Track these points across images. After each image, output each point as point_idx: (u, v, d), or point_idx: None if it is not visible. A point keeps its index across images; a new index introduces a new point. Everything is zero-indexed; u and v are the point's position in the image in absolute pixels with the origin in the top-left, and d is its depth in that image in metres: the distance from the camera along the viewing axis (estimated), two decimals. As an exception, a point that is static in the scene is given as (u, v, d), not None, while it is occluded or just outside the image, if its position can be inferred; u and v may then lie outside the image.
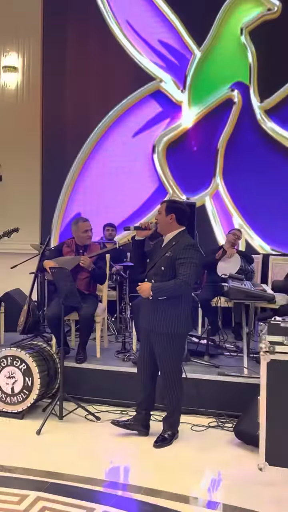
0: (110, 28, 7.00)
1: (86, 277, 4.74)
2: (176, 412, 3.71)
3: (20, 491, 2.98)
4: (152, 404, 3.79)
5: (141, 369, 3.76)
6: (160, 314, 3.55)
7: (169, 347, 3.57)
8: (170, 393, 3.66)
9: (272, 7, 6.53)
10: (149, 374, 3.72)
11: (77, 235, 4.82)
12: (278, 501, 2.92)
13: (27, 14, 6.99)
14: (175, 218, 3.64)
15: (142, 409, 3.76)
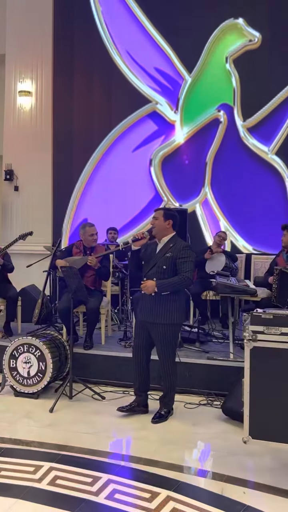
0: (112, 57, 6.93)
1: (92, 275, 4.71)
2: (171, 392, 3.68)
3: (35, 462, 2.96)
4: (148, 386, 3.77)
5: (138, 357, 3.69)
6: (162, 307, 3.54)
7: (168, 336, 3.56)
8: (166, 376, 3.64)
9: (253, 38, 6.47)
10: (145, 361, 3.69)
11: (84, 238, 4.79)
12: (259, 469, 2.91)
13: (40, 46, 6.92)
14: (172, 224, 3.64)
15: (142, 391, 3.74)
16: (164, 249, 3.60)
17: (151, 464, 2.94)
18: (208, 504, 2.50)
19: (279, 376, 2.57)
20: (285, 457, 2.96)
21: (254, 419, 2.61)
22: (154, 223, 3.66)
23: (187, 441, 3.31)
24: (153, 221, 3.68)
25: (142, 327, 3.66)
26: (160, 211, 3.68)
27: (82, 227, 4.82)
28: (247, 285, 4.42)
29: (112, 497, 2.57)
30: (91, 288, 4.65)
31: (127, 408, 3.70)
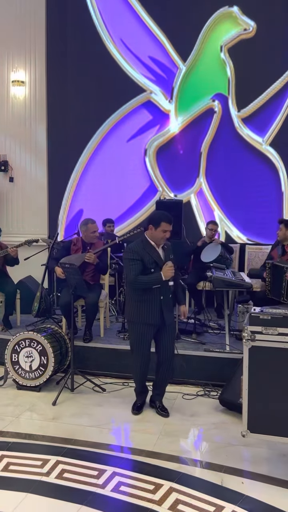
0: (106, 46, 6.85)
1: (91, 270, 4.78)
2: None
3: (42, 456, 3.08)
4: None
5: (145, 363, 3.73)
6: (171, 309, 3.70)
7: (175, 333, 3.74)
8: (170, 375, 3.80)
9: (247, 27, 6.44)
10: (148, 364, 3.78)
11: (86, 234, 4.84)
12: (256, 460, 3.06)
13: (33, 35, 6.79)
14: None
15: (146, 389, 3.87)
16: (166, 253, 3.66)
17: (153, 456, 3.08)
18: (209, 495, 2.65)
19: (276, 374, 2.70)
20: (281, 447, 3.11)
21: (252, 414, 2.74)
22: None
23: (186, 432, 3.46)
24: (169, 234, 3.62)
25: (151, 331, 3.66)
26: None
27: (84, 224, 4.86)
28: (242, 279, 4.53)
29: (118, 489, 2.71)
30: (90, 283, 4.73)
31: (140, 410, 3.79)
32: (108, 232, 6.30)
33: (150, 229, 3.58)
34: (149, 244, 3.60)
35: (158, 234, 3.55)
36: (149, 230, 3.60)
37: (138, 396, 3.84)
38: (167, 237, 3.59)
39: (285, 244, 4.75)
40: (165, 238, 3.58)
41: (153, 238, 3.59)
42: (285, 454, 3.09)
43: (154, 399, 3.81)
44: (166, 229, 3.53)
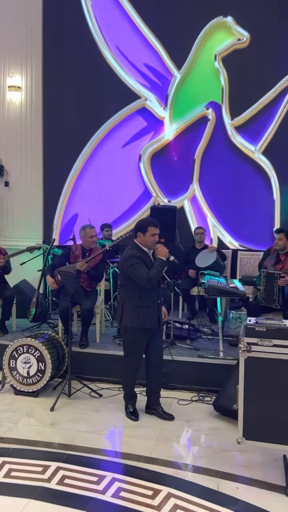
0: (102, 52, 6.92)
1: (87, 277, 4.86)
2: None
3: (42, 462, 3.15)
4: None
5: (138, 367, 3.81)
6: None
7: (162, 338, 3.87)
8: (162, 377, 3.92)
9: (241, 37, 6.56)
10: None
11: (84, 239, 4.92)
12: (250, 465, 3.17)
13: (29, 40, 6.85)
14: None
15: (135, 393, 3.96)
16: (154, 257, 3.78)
17: (150, 462, 3.17)
18: (206, 500, 2.75)
19: (271, 384, 2.81)
20: (274, 453, 3.22)
21: (248, 422, 2.84)
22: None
23: (182, 438, 3.56)
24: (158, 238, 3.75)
25: (147, 336, 3.76)
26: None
27: (83, 229, 4.94)
28: (236, 287, 4.63)
29: (118, 495, 2.79)
30: (87, 289, 4.80)
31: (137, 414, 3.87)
32: (106, 236, 6.38)
33: (139, 236, 3.71)
34: (142, 251, 3.71)
35: (147, 239, 3.66)
36: (138, 237, 3.72)
37: (128, 401, 3.91)
38: (157, 240, 3.69)
39: (280, 253, 4.87)
40: (155, 242, 3.68)
41: (144, 244, 3.70)
42: (278, 460, 3.20)
43: (151, 406, 3.89)
44: (154, 233, 3.66)
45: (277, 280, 4.54)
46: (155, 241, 3.68)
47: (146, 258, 3.69)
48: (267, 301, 4.59)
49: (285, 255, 4.86)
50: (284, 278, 4.53)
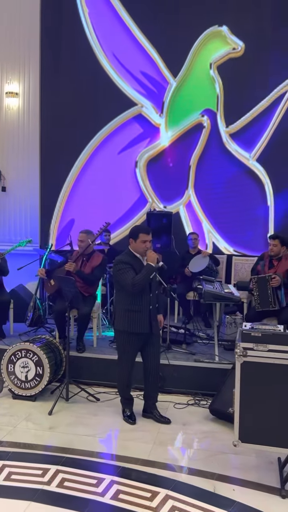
0: (99, 59, 7.00)
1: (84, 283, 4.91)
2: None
3: (42, 465, 3.20)
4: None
5: (131, 371, 3.88)
6: (157, 318, 3.88)
7: (160, 344, 3.91)
8: (158, 383, 3.95)
9: (236, 46, 6.68)
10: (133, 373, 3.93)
11: (78, 244, 5.00)
12: (246, 467, 3.24)
13: (27, 47, 6.91)
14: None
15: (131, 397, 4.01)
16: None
17: (148, 464, 3.23)
18: (202, 501, 2.81)
19: (266, 388, 2.88)
20: (269, 455, 3.30)
21: (243, 425, 2.91)
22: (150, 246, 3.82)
23: (179, 441, 3.62)
24: (150, 244, 3.81)
25: (140, 340, 3.82)
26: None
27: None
28: (231, 292, 4.71)
29: (117, 497, 2.85)
30: (84, 294, 4.85)
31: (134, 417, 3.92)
32: (105, 240, 6.49)
33: (131, 242, 3.80)
34: (135, 257, 3.78)
35: (139, 245, 3.75)
36: (130, 244, 3.80)
37: (125, 405, 3.97)
38: (148, 247, 3.75)
39: (273, 259, 4.96)
40: (146, 248, 3.74)
41: (136, 250, 3.78)
42: (273, 462, 3.27)
43: (148, 410, 3.95)
44: (145, 239, 3.73)
45: (269, 283, 4.62)
46: (146, 248, 3.74)
47: (137, 264, 3.74)
48: (263, 305, 4.67)
49: (278, 260, 4.96)
50: (275, 279, 4.61)
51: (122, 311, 3.80)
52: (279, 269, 4.90)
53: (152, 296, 3.81)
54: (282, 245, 4.89)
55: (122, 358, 3.89)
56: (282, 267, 4.92)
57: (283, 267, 4.92)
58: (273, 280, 4.61)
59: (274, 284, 4.60)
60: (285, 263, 4.92)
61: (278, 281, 4.61)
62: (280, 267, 4.92)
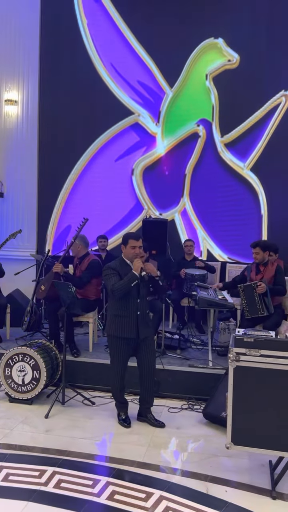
0: (97, 69, 7.12)
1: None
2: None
3: (39, 467, 3.27)
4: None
5: (124, 375, 3.95)
6: (148, 324, 3.96)
7: (154, 346, 3.99)
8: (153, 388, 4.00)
9: (231, 58, 6.84)
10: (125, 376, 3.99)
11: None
12: (238, 470, 3.32)
13: (27, 57, 7.03)
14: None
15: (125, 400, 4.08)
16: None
17: (143, 466, 3.30)
18: (196, 502, 2.89)
19: (258, 392, 2.97)
20: (261, 458, 3.38)
21: (236, 428, 3.00)
22: (141, 252, 3.89)
23: (173, 444, 3.70)
24: (140, 250, 3.86)
25: (128, 344, 3.89)
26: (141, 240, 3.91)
27: None
28: (225, 299, 4.81)
29: (112, 497, 2.92)
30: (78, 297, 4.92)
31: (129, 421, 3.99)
32: (100, 247, 6.59)
33: (122, 249, 3.92)
34: (125, 263, 3.87)
35: (128, 251, 3.85)
36: (122, 250, 3.92)
37: (120, 409, 4.04)
38: (137, 253, 3.82)
39: (260, 264, 5.07)
40: (135, 254, 3.81)
41: (127, 257, 3.87)
42: (264, 465, 3.36)
43: (143, 413, 4.02)
44: (134, 245, 3.81)
45: (255, 290, 4.72)
46: (135, 253, 3.81)
47: (126, 270, 3.80)
48: (252, 313, 4.76)
49: (264, 266, 5.06)
50: (260, 286, 4.70)
51: (111, 316, 3.92)
52: (266, 274, 5.00)
53: (140, 302, 3.84)
54: (264, 251, 4.97)
55: (113, 362, 3.98)
56: (268, 272, 5.02)
57: (269, 272, 5.02)
58: (258, 287, 4.70)
59: (260, 291, 4.69)
60: (271, 269, 5.02)
61: (264, 288, 4.69)
62: (266, 273, 5.02)
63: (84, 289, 5.09)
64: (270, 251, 5.12)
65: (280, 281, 4.94)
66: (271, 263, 5.06)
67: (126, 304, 3.82)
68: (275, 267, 5.02)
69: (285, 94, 6.66)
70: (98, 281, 5.19)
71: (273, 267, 5.02)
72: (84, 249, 5.24)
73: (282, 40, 6.61)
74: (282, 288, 4.92)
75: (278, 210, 6.72)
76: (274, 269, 5.00)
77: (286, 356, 2.92)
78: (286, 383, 2.93)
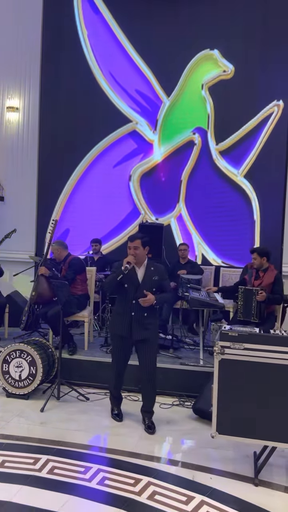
0: (96, 78, 7.37)
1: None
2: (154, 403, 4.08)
3: (34, 455, 3.43)
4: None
5: (121, 372, 4.07)
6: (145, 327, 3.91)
7: (155, 351, 4.00)
8: (154, 389, 4.01)
9: (226, 69, 7.08)
10: (124, 373, 4.10)
11: None
12: (223, 460, 3.49)
13: (28, 64, 7.28)
14: (148, 249, 3.99)
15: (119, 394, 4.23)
16: (148, 274, 3.93)
17: (133, 456, 3.47)
18: (181, 487, 3.06)
19: (242, 383, 3.15)
20: (245, 450, 3.55)
21: (220, 418, 3.17)
22: (135, 253, 3.88)
23: (163, 436, 3.86)
24: (134, 250, 3.87)
25: (126, 343, 4.00)
26: (139, 241, 3.90)
27: None
28: (216, 299, 5.00)
29: (103, 482, 3.09)
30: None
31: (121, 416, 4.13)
32: (94, 251, 6.77)
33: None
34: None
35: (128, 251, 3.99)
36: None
37: (113, 403, 4.18)
38: (131, 253, 3.90)
39: (260, 270, 5.24)
40: (130, 254, 3.88)
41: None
42: (249, 456, 3.52)
43: (142, 415, 4.07)
44: (129, 246, 3.90)
45: (255, 296, 4.90)
46: (129, 253, 3.91)
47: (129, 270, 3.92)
48: (245, 315, 4.94)
49: (264, 272, 5.24)
50: (261, 294, 4.88)
51: (113, 313, 4.09)
52: (265, 280, 5.17)
53: (136, 303, 3.85)
54: (261, 256, 5.15)
55: (112, 357, 4.15)
56: (267, 279, 5.19)
57: (268, 279, 5.18)
58: (259, 294, 4.87)
59: (259, 299, 4.87)
60: (270, 275, 5.18)
61: (264, 297, 4.86)
62: (265, 279, 5.19)
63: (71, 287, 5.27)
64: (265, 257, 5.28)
65: (278, 290, 5.09)
66: (271, 269, 5.21)
67: (123, 304, 3.92)
68: (274, 274, 5.15)
69: (277, 104, 6.90)
70: (82, 277, 5.38)
71: (272, 274, 5.15)
72: (64, 251, 5.40)
73: (275, 52, 6.86)
74: (280, 297, 5.07)
75: (270, 215, 6.92)
76: (273, 276, 5.12)
77: (268, 350, 3.10)
78: (268, 375, 3.10)
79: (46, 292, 5.09)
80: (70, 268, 5.29)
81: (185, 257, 6.54)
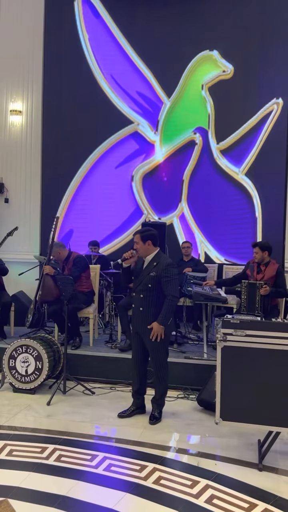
0: (98, 81, 7.50)
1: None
2: (164, 395, 4.06)
3: (41, 444, 3.49)
4: (145, 389, 4.15)
5: (137, 365, 4.06)
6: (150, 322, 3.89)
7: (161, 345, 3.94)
8: (161, 380, 4.01)
9: (226, 69, 7.19)
10: (143, 368, 4.07)
11: None
12: (227, 447, 3.54)
13: (31, 69, 7.40)
14: (151, 243, 3.94)
15: (139, 395, 4.15)
16: (148, 268, 3.91)
17: (138, 444, 3.52)
18: (187, 473, 3.11)
19: (244, 370, 3.21)
20: (249, 437, 3.60)
21: (224, 405, 3.23)
22: (136, 247, 3.93)
23: (168, 427, 3.91)
24: (135, 245, 3.94)
25: (137, 337, 4.05)
26: (138, 235, 3.93)
27: None
28: (219, 294, 5.06)
29: (109, 469, 3.14)
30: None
31: (128, 413, 4.06)
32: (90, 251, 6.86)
33: None
34: (141, 258, 4.03)
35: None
36: None
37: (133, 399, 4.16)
38: (135, 248, 3.97)
39: (261, 264, 5.31)
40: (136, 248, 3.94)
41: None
42: (253, 444, 3.57)
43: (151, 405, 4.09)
44: (135, 240, 3.98)
45: (259, 290, 4.96)
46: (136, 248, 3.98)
47: (139, 262, 4.01)
48: (249, 310, 4.99)
49: (265, 266, 5.30)
50: (265, 288, 4.94)
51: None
52: (266, 274, 5.23)
53: (143, 298, 3.87)
54: (262, 250, 5.22)
55: None
56: (269, 272, 5.26)
57: (270, 272, 5.25)
58: (263, 288, 4.93)
59: (263, 293, 4.92)
60: (271, 268, 5.25)
61: (267, 291, 4.92)
62: (267, 273, 5.26)
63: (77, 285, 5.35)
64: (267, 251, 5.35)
65: (281, 283, 5.15)
66: (272, 263, 5.27)
67: (135, 298, 3.97)
68: (276, 268, 5.21)
69: (276, 102, 6.98)
70: (87, 274, 5.45)
71: (274, 268, 5.22)
72: (64, 250, 5.46)
73: (273, 51, 6.95)
74: (283, 290, 5.13)
75: (271, 212, 6.98)
76: (275, 269, 5.18)
77: (270, 336, 3.16)
78: (270, 361, 3.16)
79: (53, 290, 5.15)
80: (74, 266, 5.35)
81: (189, 254, 6.61)
